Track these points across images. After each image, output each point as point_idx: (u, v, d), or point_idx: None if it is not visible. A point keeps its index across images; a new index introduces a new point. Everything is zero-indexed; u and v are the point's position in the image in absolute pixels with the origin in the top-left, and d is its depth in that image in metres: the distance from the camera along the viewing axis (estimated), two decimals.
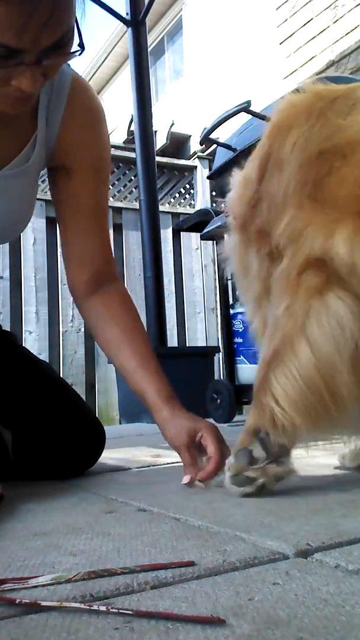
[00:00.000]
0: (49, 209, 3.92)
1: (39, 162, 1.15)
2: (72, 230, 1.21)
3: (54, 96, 1.11)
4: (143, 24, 3.27)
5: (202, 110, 6.71)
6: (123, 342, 1.17)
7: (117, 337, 1.17)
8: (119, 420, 3.43)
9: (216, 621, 0.44)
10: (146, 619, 0.45)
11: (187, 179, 4.71)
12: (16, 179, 1.11)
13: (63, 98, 1.12)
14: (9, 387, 1.23)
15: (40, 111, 1.11)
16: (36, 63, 0.85)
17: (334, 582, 0.51)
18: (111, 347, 1.19)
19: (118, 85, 10.05)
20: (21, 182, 1.13)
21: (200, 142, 2.48)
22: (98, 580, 0.55)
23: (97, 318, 1.21)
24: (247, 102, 2.07)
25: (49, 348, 3.80)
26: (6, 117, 1.06)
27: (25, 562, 0.62)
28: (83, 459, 1.23)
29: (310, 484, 0.98)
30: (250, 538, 0.66)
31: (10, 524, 0.80)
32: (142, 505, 0.88)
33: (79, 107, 1.14)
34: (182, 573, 0.55)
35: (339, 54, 3.51)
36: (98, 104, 1.20)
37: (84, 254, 1.22)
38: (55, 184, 1.21)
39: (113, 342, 1.18)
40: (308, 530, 0.68)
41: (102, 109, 1.20)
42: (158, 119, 4.45)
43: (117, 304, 1.22)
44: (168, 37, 9.06)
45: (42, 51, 0.85)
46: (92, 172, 1.20)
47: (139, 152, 3.23)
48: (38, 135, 1.12)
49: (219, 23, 7.15)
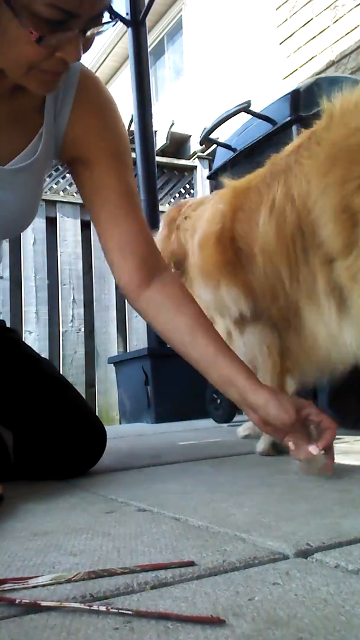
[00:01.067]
0: (49, 209, 3.92)
1: (46, 156, 1.14)
2: (107, 222, 1.17)
3: (62, 88, 1.11)
4: (143, 24, 3.27)
5: (202, 110, 6.71)
6: (195, 331, 1.11)
7: (187, 327, 1.11)
8: (119, 420, 3.43)
9: (216, 621, 0.44)
10: (146, 619, 0.45)
11: (187, 179, 4.71)
12: (23, 172, 1.11)
13: (72, 90, 1.12)
14: (9, 387, 1.23)
15: (48, 104, 1.11)
16: (82, 32, 0.88)
17: (334, 582, 0.51)
18: (183, 337, 1.12)
19: (118, 85, 10.05)
20: (28, 176, 1.12)
21: (200, 142, 2.48)
22: (98, 580, 0.55)
23: (160, 309, 1.15)
24: (247, 102, 2.07)
25: (49, 348, 3.80)
26: (14, 111, 1.06)
27: (25, 562, 0.62)
28: (84, 459, 1.23)
29: (311, 484, 0.98)
30: (250, 538, 0.66)
31: (10, 524, 0.80)
32: (142, 505, 0.88)
33: (88, 98, 1.14)
34: (182, 573, 0.55)
35: (339, 54, 3.51)
36: (107, 94, 1.19)
37: (125, 242, 1.16)
38: (78, 176, 1.20)
39: (184, 332, 1.12)
40: (308, 530, 0.68)
41: (113, 99, 1.20)
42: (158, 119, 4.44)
43: (178, 292, 1.16)
44: (168, 37, 9.05)
45: (89, 19, 0.87)
46: (112, 159, 1.17)
47: (139, 152, 3.23)
48: (45, 129, 1.12)
49: (219, 23, 7.15)
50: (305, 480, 1.01)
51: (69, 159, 1.19)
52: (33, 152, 1.12)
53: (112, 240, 1.16)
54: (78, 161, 1.18)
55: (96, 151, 1.16)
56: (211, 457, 1.40)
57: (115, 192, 1.16)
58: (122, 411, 3.28)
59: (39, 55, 0.90)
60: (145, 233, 1.19)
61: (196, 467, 1.29)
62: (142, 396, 2.94)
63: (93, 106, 1.16)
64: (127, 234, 1.16)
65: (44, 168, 1.17)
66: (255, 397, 1.03)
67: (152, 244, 1.20)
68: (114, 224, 1.16)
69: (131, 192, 1.19)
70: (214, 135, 2.33)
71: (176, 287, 1.17)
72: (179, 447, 1.70)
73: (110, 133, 1.18)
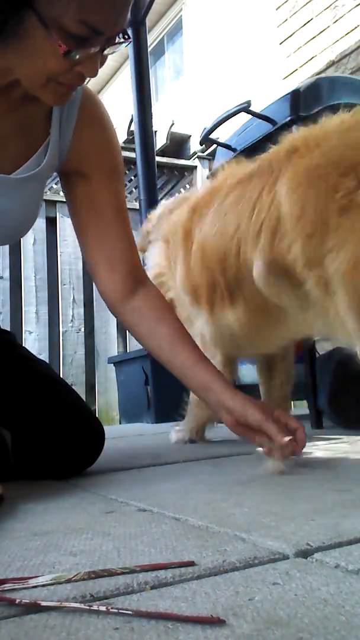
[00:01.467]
0: (49, 209, 3.92)
1: (49, 168, 1.16)
2: (97, 235, 1.22)
3: (67, 106, 1.14)
4: (143, 24, 3.27)
5: (202, 110, 6.71)
6: (175, 340, 1.19)
7: (169, 337, 1.20)
8: (119, 420, 3.43)
9: (216, 621, 0.44)
10: (146, 619, 0.45)
11: (187, 179, 4.71)
12: (27, 183, 1.12)
13: (75, 108, 1.15)
14: (7, 388, 1.22)
15: (54, 120, 1.13)
16: (101, 50, 0.92)
17: (334, 582, 0.51)
18: (164, 346, 1.20)
19: (118, 85, 10.05)
20: (32, 185, 1.14)
21: (200, 142, 2.48)
22: (98, 580, 0.55)
23: (143, 320, 1.22)
24: (247, 102, 2.07)
25: (49, 348, 3.80)
26: (22, 120, 1.08)
27: (25, 562, 0.62)
28: (82, 458, 1.23)
29: (311, 483, 0.98)
30: (250, 538, 0.66)
31: (10, 524, 0.80)
32: (142, 505, 0.88)
33: (89, 116, 1.18)
34: (182, 573, 0.55)
35: (339, 54, 3.51)
36: (106, 111, 1.23)
37: (114, 257, 1.22)
38: (72, 189, 1.22)
39: (166, 341, 1.20)
40: (308, 530, 0.68)
41: (109, 115, 1.23)
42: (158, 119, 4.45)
43: (160, 304, 1.24)
44: (168, 37, 9.05)
45: (110, 38, 0.92)
46: (110, 174, 1.22)
47: (139, 152, 3.23)
48: (51, 143, 1.14)
49: (219, 23, 7.15)
50: (305, 480, 1.01)
51: (68, 171, 1.21)
52: (38, 162, 1.13)
53: (101, 253, 1.22)
54: (76, 175, 1.20)
55: (96, 166, 1.20)
56: (211, 457, 1.40)
57: (110, 207, 1.21)
58: (122, 411, 3.28)
59: (60, 68, 0.93)
60: (133, 247, 1.27)
61: (196, 467, 1.29)
62: (142, 396, 2.94)
63: (94, 122, 1.19)
64: (116, 249, 1.22)
65: (47, 178, 1.19)
66: (233, 401, 1.12)
67: (138, 258, 1.28)
68: (104, 237, 1.21)
69: (124, 207, 1.25)
70: (214, 135, 2.33)
71: (158, 300, 1.25)
72: (179, 447, 1.70)
73: (110, 148, 1.22)
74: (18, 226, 1.20)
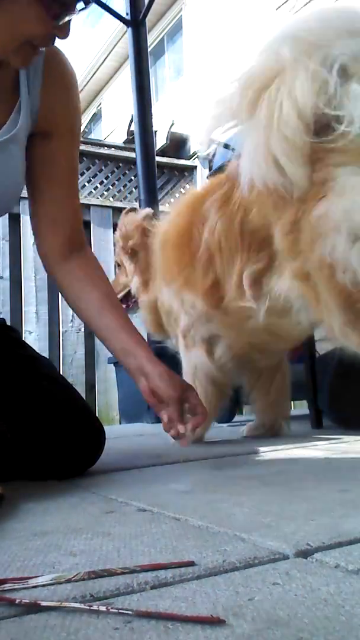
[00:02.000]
0: None
1: (25, 128, 1.17)
2: (46, 194, 1.24)
3: (32, 67, 1.14)
4: (143, 24, 3.27)
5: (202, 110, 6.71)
6: (104, 304, 1.24)
7: (98, 300, 1.24)
8: (119, 420, 3.43)
9: (216, 621, 0.44)
10: (146, 619, 0.45)
11: (187, 179, 4.71)
12: (6, 145, 1.13)
13: (40, 65, 1.16)
14: (7, 386, 1.22)
15: (22, 81, 1.15)
16: None
17: (334, 582, 0.51)
18: (92, 309, 1.24)
19: (118, 85, 10.05)
20: (12, 149, 1.15)
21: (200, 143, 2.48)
22: (98, 580, 0.55)
23: (75, 281, 1.26)
24: None
25: (49, 348, 3.80)
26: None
27: (25, 562, 0.62)
28: (83, 458, 1.23)
29: (311, 483, 0.98)
30: (250, 538, 0.66)
31: (10, 524, 0.80)
32: (142, 505, 0.88)
33: (55, 72, 1.19)
34: (182, 573, 0.55)
35: None
36: (71, 67, 1.24)
37: (59, 217, 1.25)
38: (31, 148, 1.22)
39: (95, 303, 1.24)
40: (308, 530, 0.68)
41: (74, 72, 1.25)
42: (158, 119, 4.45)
43: (94, 268, 1.29)
44: (168, 37, 9.06)
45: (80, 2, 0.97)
46: (71, 134, 1.24)
47: (139, 152, 3.23)
48: (22, 103, 1.15)
49: (219, 23, 7.15)
50: (305, 480, 1.01)
51: (35, 132, 1.21)
52: (15, 123, 1.15)
53: (47, 211, 1.25)
54: (41, 134, 1.21)
55: (59, 124, 1.22)
56: (211, 457, 1.40)
57: (64, 168, 1.24)
58: (122, 411, 3.28)
59: (43, 32, 0.97)
60: (78, 212, 1.30)
61: (196, 467, 1.29)
62: (142, 396, 2.93)
63: (60, 79, 1.20)
64: (63, 210, 1.25)
65: (24, 142, 1.20)
66: (152, 367, 1.18)
67: (81, 223, 1.31)
68: (53, 196, 1.24)
69: (76, 170, 1.29)
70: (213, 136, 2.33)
71: (94, 267, 1.29)
72: (178, 447, 1.70)
73: (73, 107, 1.24)
74: (4, 195, 1.20)
